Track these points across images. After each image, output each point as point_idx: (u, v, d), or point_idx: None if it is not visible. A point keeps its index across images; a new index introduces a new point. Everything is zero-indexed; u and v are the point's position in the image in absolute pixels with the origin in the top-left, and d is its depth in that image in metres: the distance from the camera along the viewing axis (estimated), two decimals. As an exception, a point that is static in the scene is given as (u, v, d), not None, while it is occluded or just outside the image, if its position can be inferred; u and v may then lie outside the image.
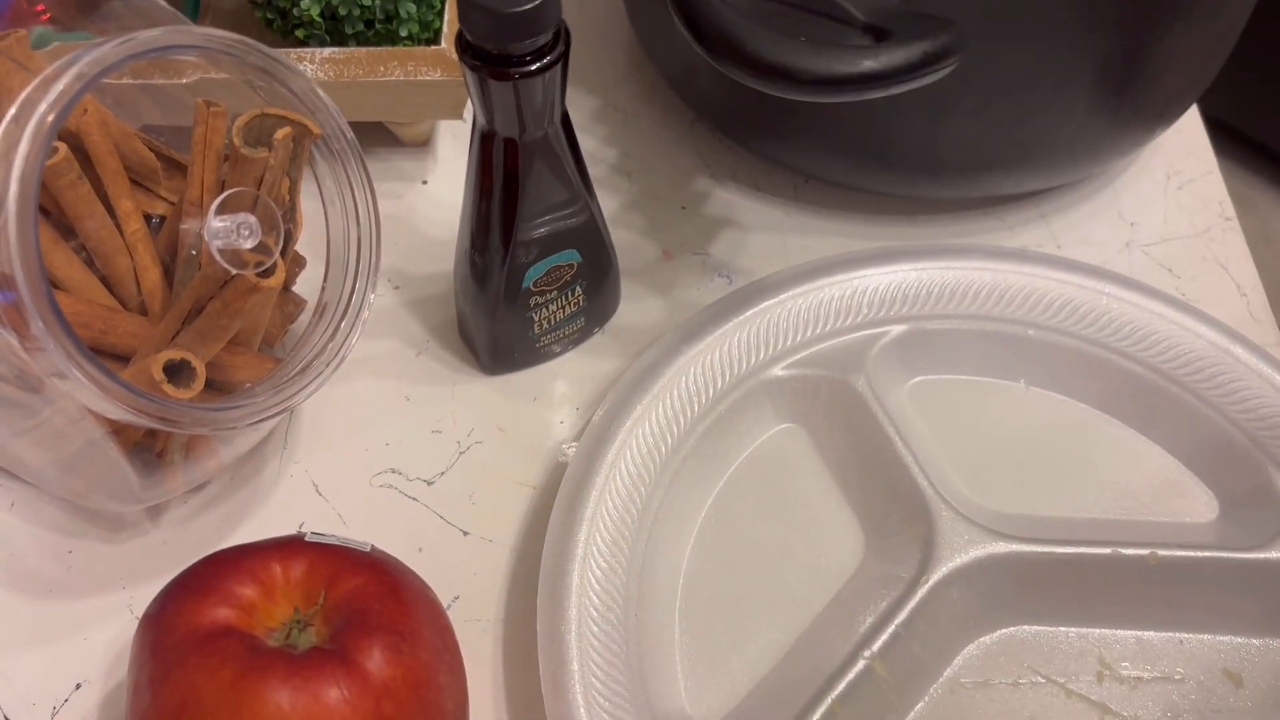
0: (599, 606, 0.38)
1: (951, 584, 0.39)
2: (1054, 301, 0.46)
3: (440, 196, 0.54)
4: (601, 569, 0.39)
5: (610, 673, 0.37)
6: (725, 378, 0.45)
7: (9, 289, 0.30)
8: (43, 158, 0.31)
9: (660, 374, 0.44)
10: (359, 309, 0.40)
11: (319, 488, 0.44)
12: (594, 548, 0.40)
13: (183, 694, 0.31)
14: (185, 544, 0.43)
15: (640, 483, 0.42)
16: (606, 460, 0.42)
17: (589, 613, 0.38)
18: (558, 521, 0.40)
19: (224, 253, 0.35)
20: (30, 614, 0.41)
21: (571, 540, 0.40)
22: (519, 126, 0.39)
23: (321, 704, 0.30)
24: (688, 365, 0.44)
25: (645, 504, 0.41)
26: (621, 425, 0.42)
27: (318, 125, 0.38)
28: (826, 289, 0.47)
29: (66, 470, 0.40)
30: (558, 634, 0.37)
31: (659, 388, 0.44)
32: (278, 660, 0.31)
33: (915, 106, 0.44)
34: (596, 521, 0.40)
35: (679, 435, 0.43)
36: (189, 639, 0.32)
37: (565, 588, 0.38)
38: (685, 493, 0.43)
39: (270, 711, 0.30)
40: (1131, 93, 0.47)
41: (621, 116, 0.58)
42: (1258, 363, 0.44)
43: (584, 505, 0.40)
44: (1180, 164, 0.56)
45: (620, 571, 0.40)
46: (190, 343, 0.37)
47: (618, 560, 0.40)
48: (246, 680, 0.31)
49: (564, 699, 0.36)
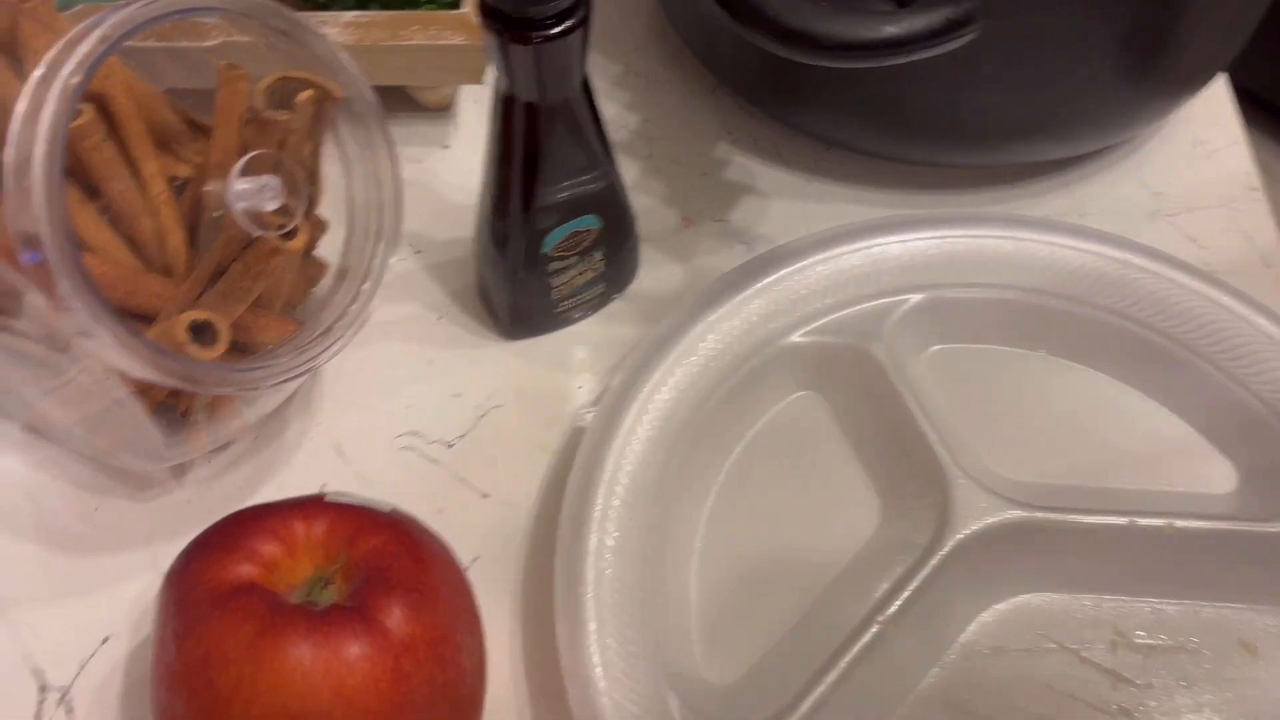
0: (615, 569, 0.39)
1: (967, 551, 0.39)
2: (1075, 271, 0.46)
3: (461, 162, 0.54)
4: (618, 532, 0.40)
5: (626, 634, 0.37)
6: (743, 344, 0.45)
7: (36, 249, 0.31)
8: (69, 119, 0.31)
9: (679, 340, 0.44)
10: (381, 272, 0.40)
11: (341, 449, 0.45)
12: (611, 511, 0.40)
13: (206, 648, 0.31)
14: (209, 503, 0.43)
15: (657, 447, 0.42)
16: (624, 425, 0.42)
17: (605, 575, 0.38)
18: (576, 485, 0.41)
19: (247, 215, 0.36)
20: (58, 569, 0.41)
21: (589, 504, 0.40)
22: (540, 91, 0.39)
23: (342, 660, 0.31)
24: (706, 331, 0.44)
25: (662, 469, 0.42)
26: (639, 390, 0.43)
27: (340, 88, 0.39)
28: (846, 256, 0.47)
29: (92, 429, 0.41)
30: (575, 595, 0.38)
31: (677, 354, 0.44)
32: (299, 617, 0.32)
33: (938, 73, 0.44)
34: (614, 486, 0.41)
35: (696, 401, 0.43)
36: (212, 595, 0.32)
37: (582, 550, 0.39)
38: (702, 458, 0.44)
39: (292, 666, 0.31)
40: (1157, 60, 0.47)
41: (643, 83, 0.57)
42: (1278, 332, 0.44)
43: (601, 469, 0.41)
44: (1206, 133, 0.56)
45: (636, 535, 0.40)
46: (214, 304, 0.37)
47: (634, 524, 0.40)
48: (268, 636, 0.31)
49: (580, 659, 0.37)
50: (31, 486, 0.43)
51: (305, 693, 0.31)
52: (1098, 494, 0.43)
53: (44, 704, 0.38)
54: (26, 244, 0.31)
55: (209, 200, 0.39)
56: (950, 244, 0.47)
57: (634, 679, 0.37)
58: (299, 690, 0.31)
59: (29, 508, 0.43)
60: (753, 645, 0.40)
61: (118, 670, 0.39)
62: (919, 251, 0.47)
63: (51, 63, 0.32)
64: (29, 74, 0.32)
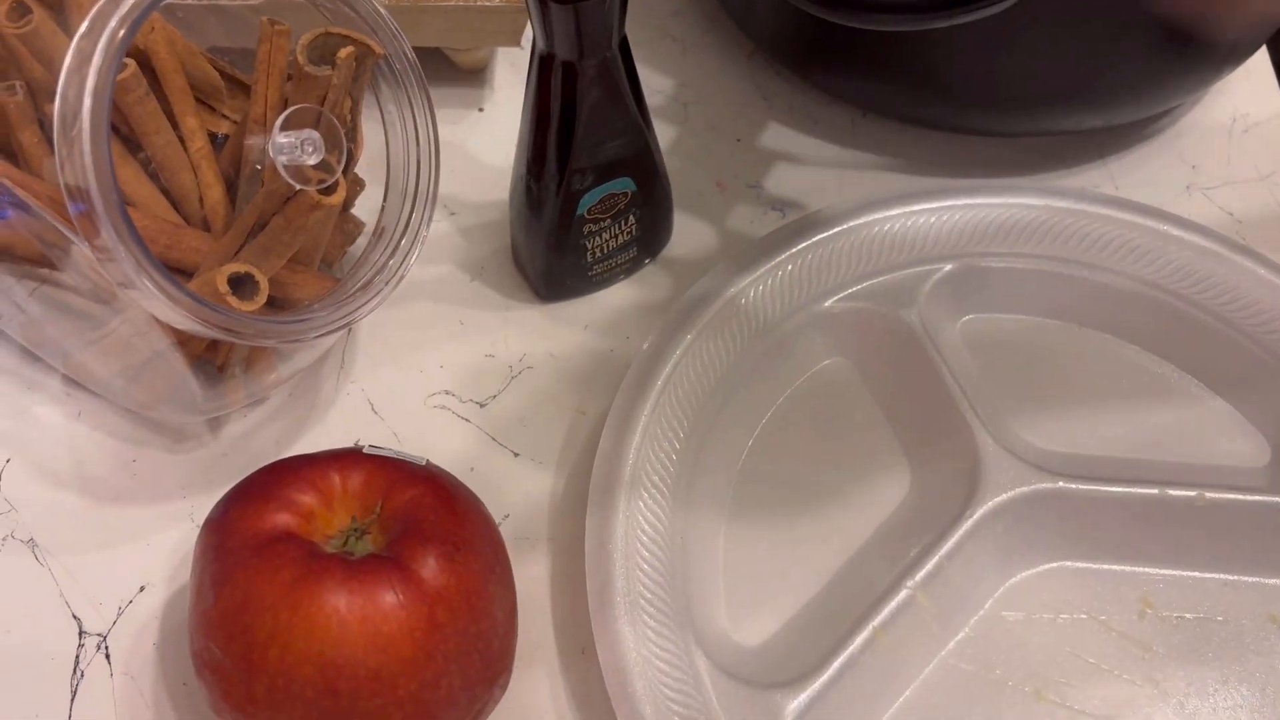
0: (645, 531, 0.39)
1: (997, 518, 0.40)
2: (1109, 242, 0.46)
3: (496, 124, 0.54)
4: (648, 495, 0.40)
5: (656, 592, 0.38)
6: (776, 309, 0.45)
7: (82, 200, 0.31)
8: (114, 72, 0.32)
9: (712, 304, 0.44)
10: (419, 227, 0.41)
11: (374, 406, 0.45)
12: (641, 475, 0.40)
13: (243, 594, 0.32)
14: (244, 456, 0.44)
15: (688, 409, 0.42)
16: (655, 388, 0.42)
17: (637, 535, 0.39)
18: (607, 446, 0.41)
19: (288, 168, 0.36)
20: (96, 518, 0.42)
21: (619, 467, 0.40)
22: (578, 50, 0.39)
23: (377, 607, 0.31)
24: (739, 296, 0.45)
25: (691, 431, 0.42)
26: (671, 354, 0.43)
27: (380, 45, 0.39)
28: (880, 224, 0.47)
29: (132, 381, 0.41)
30: (605, 553, 0.38)
31: (709, 318, 0.44)
32: (335, 565, 0.32)
33: (978, 38, 0.44)
34: (644, 449, 0.41)
35: (728, 365, 0.43)
36: (250, 543, 0.33)
37: (613, 509, 0.39)
38: (733, 422, 0.44)
39: (327, 613, 0.31)
40: (1199, 32, 0.46)
41: (679, 47, 0.57)
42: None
43: (633, 431, 0.41)
44: (1247, 106, 0.55)
45: (667, 497, 0.40)
46: (253, 258, 0.37)
47: (665, 484, 0.40)
48: (305, 583, 0.32)
49: (609, 617, 0.37)
50: (71, 437, 0.44)
51: (340, 639, 0.31)
52: (1128, 465, 0.43)
53: (83, 650, 0.39)
54: (73, 195, 0.31)
55: (249, 154, 0.39)
56: (984, 213, 0.47)
57: (663, 639, 0.37)
58: (334, 636, 0.31)
59: (68, 458, 0.43)
60: (781, 607, 0.40)
61: (155, 618, 0.40)
62: (952, 220, 0.47)
63: (96, 16, 0.32)
64: (74, 29, 0.32)
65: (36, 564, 0.41)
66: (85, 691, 0.38)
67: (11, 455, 0.43)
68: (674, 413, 0.42)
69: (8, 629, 0.40)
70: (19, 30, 0.36)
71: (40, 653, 0.39)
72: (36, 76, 0.38)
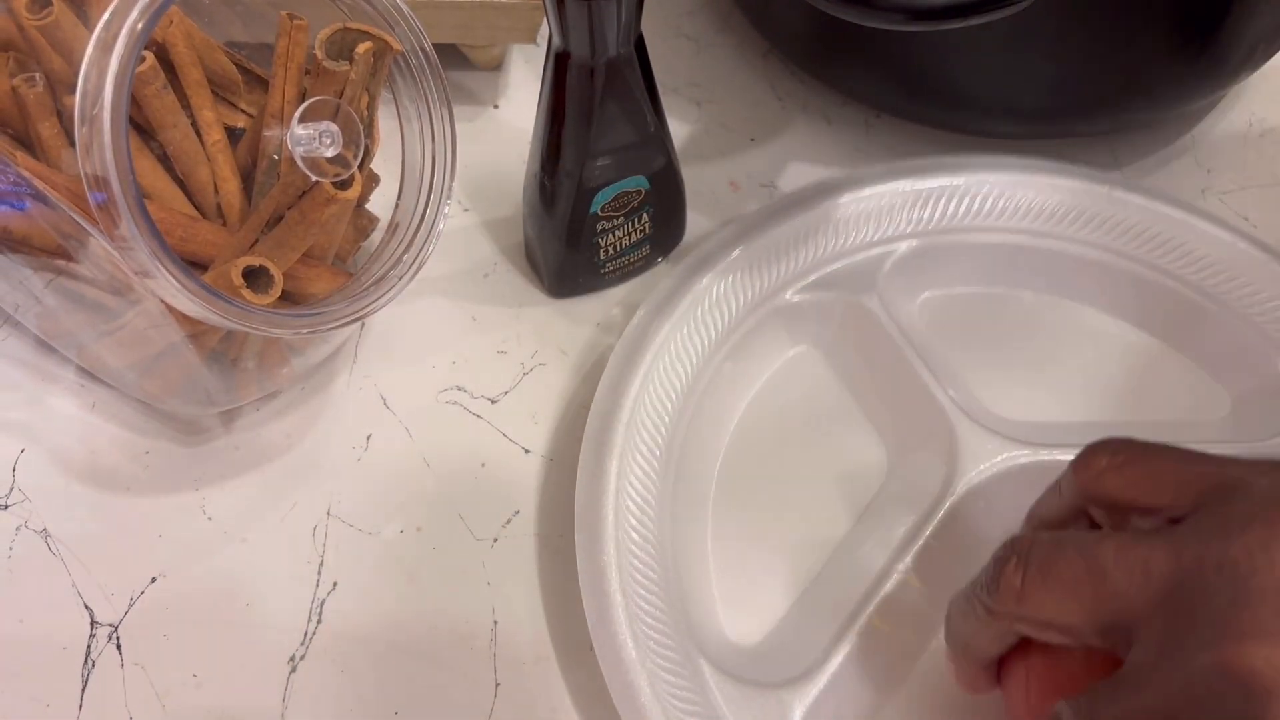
0: (636, 539, 0.39)
1: (978, 494, 0.40)
2: (1057, 209, 0.47)
3: (511, 121, 0.54)
4: (633, 504, 0.40)
5: (654, 603, 0.38)
6: (737, 306, 0.45)
7: (101, 189, 0.31)
8: (134, 63, 0.32)
9: (673, 308, 0.44)
10: (434, 223, 0.41)
11: (386, 401, 0.45)
12: (625, 483, 0.40)
13: None
14: (256, 449, 0.44)
15: (664, 412, 0.42)
16: (630, 394, 0.42)
17: (626, 546, 0.38)
18: (588, 458, 0.41)
19: (305, 160, 0.36)
20: (109, 509, 0.42)
21: (602, 484, 0.40)
22: (593, 48, 0.39)
23: None
24: (700, 296, 0.44)
25: (670, 436, 0.42)
26: (642, 358, 0.42)
27: (398, 41, 0.39)
28: (832, 210, 0.47)
29: (146, 373, 0.42)
30: (597, 566, 0.38)
31: (672, 323, 0.44)
32: None
33: (993, 39, 0.44)
34: (626, 457, 0.40)
35: (696, 366, 0.43)
36: None
37: (601, 519, 0.39)
38: (707, 422, 0.44)
39: None
40: (1216, 35, 0.46)
41: (694, 46, 0.57)
42: (1265, 258, 0.45)
43: (611, 444, 0.41)
44: (1263, 110, 0.55)
45: (652, 505, 0.40)
46: (268, 251, 0.37)
47: (648, 497, 0.40)
48: None
49: (610, 634, 0.37)
50: (85, 428, 0.44)
51: None
52: (1097, 428, 0.42)
53: (94, 640, 0.39)
54: (92, 185, 0.31)
55: (266, 147, 0.39)
56: (934, 191, 0.47)
57: (666, 649, 0.37)
58: None
59: (82, 449, 0.44)
60: (774, 604, 0.40)
61: (166, 609, 0.40)
62: (904, 201, 0.47)
63: (117, 9, 0.32)
64: (94, 22, 0.33)
65: (49, 554, 0.41)
66: (96, 681, 0.39)
67: (26, 446, 0.44)
68: (651, 419, 0.42)
69: (20, 618, 0.40)
70: (40, 22, 0.37)
71: (52, 642, 0.39)
72: (56, 69, 0.38)
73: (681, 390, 0.43)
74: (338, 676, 0.39)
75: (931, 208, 0.47)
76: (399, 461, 0.44)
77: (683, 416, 0.42)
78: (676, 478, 0.42)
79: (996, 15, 0.37)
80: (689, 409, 0.43)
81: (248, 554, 0.41)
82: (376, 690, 0.39)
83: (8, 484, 0.43)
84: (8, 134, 0.40)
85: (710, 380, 0.44)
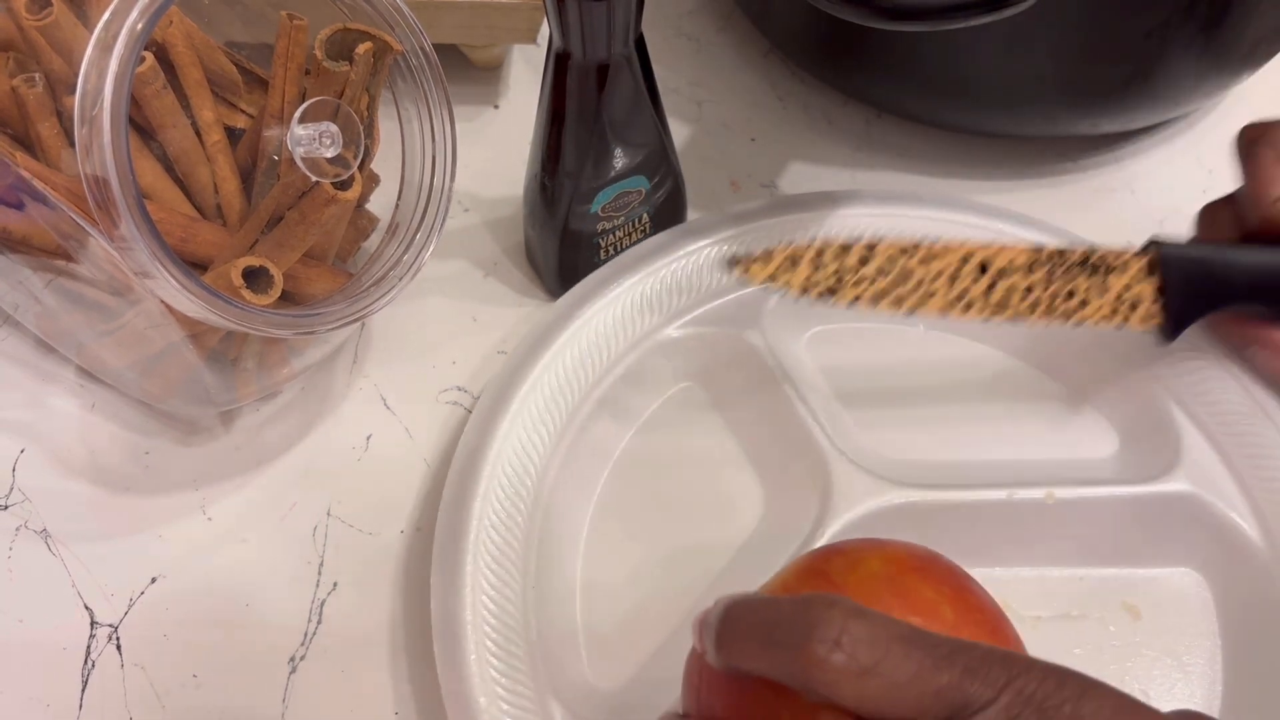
0: (494, 583, 0.38)
1: (849, 535, 0.39)
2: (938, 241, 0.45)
3: (511, 121, 0.54)
4: (494, 545, 0.38)
5: (507, 648, 0.36)
6: (620, 342, 0.44)
7: (101, 190, 0.31)
8: (134, 63, 0.32)
9: (552, 340, 0.43)
10: (434, 223, 0.41)
11: (386, 401, 0.45)
12: (487, 523, 0.39)
13: None
14: (256, 449, 0.44)
15: (534, 452, 0.41)
16: (500, 430, 0.41)
17: (482, 589, 0.37)
18: (450, 498, 0.39)
19: (305, 160, 0.36)
20: (109, 509, 0.42)
21: (464, 518, 0.39)
22: (594, 48, 0.39)
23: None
24: (580, 330, 0.43)
25: (541, 475, 0.41)
26: (514, 394, 0.41)
27: (398, 42, 0.39)
28: (717, 246, 0.45)
29: (146, 373, 0.42)
30: (451, 612, 0.37)
31: (551, 355, 0.43)
32: None
33: (994, 39, 0.44)
34: (489, 498, 0.39)
35: (574, 402, 0.42)
36: None
37: (459, 565, 0.38)
38: (584, 459, 0.42)
39: None
40: (1218, 34, 0.46)
41: (694, 45, 0.57)
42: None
43: (477, 481, 0.39)
44: (1266, 111, 0.55)
45: (517, 544, 0.39)
46: (268, 251, 0.37)
47: (513, 534, 0.39)
48: None
49: (458, 677, 0.36)
50: (85, 428, 0.44)
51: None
52: (980, 467, 0.43)
53: (94, 640, 0.39)
54: (92, 185, 0.31)
55: (266, 147, 0.39)
56: (819, 226, 0.46)
57: (515, 694, 0.36)
58: None
59: (82, 449, 0.44)
60: (643, 647, 0.39)
61: (166, 609, 0.40)
62: (789, 233, 0.45)
63: (116, 9, 0.32)
64: (94, 22, 0.33)
65: (49, 554, 0.41)
66: (96, 681, 0.39)
67: (26, 446, 0.44)
68: (522, 456, 0.40)
69: (20, 619, 0.40)
70: (39, 22, 0.37)
71: (52, 643, 0.39)
72: (56, 69, 0.38)
73: (558, 426, 0.41)
74: (338, 676, 0.39)
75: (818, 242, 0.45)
76: (399, 461, 0.44)
77: (556, 454, 0.41)
78: (547, 516, 0.40)
79: (997, 15, 0.37)
80: (564, 445, 0.41)
81: (248, 554, 0.41)
82: (376, 690, 0.39)
83: (7, 484, 0.43)
84: (7, 134, 0.40)
85: (588, 416, 0.42)
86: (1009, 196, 0.52)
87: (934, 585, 0.31)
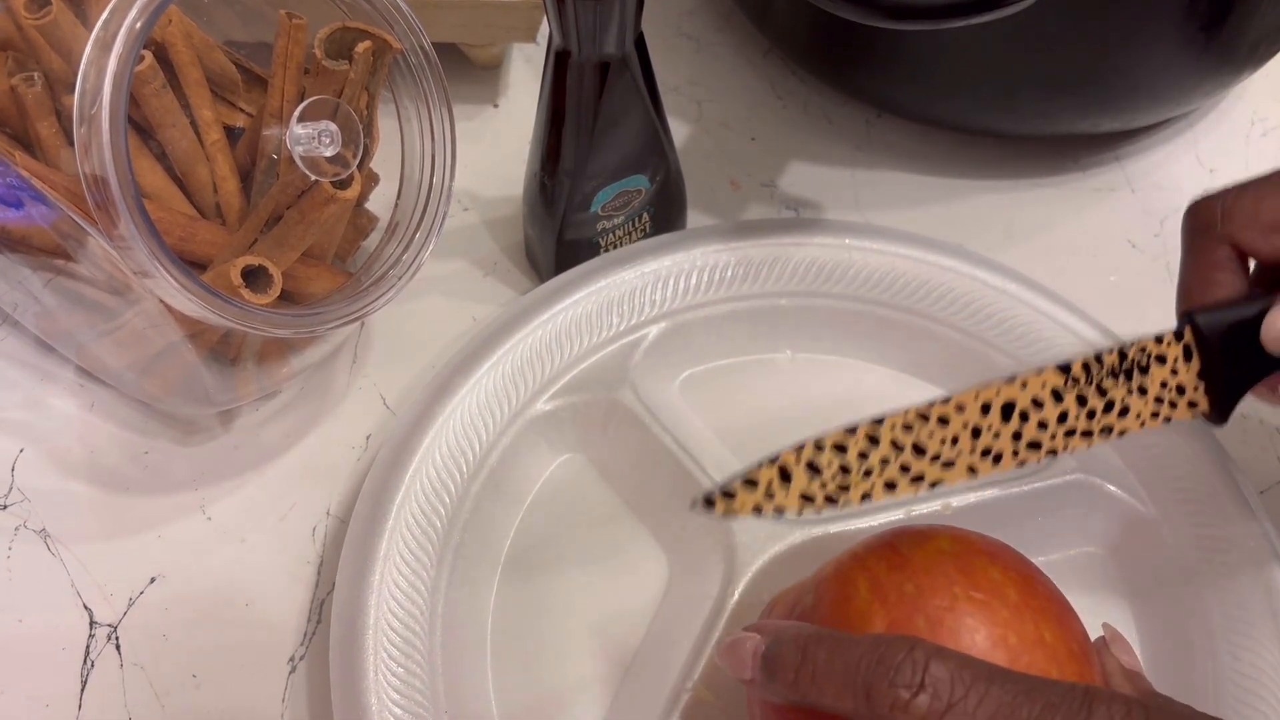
0: (397, 682, 0.36)
1: (761, 585, 0.38)
2: (799, 266, 0.45)
3: (511, 120, 0.54)
4: (394, 646, 0.36)
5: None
6: (490, 425, 0.41)
7: (100, 189, 0.31)
8: (133, 62, 0.32)
9: (426, 430, 0.40)
10: (433, 222, 0.41)
11: (386, 401, 0.45)
12: (385, 625, 0.37)
13: None
14: (255, 449, 0.44)
15: (423, 552, 0.39)
16: (386, 527, 0.38)
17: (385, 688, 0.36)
18: (341, 604, 0.37)
19: (304, 159, 0.36)
20: (108, 509, 0.42)
21: (360, 625, 0.37)
22: (594, 47, 0.39)
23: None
24: (449, 418, 0.41)
25: (435, 571, 0.38)
26: (394, 493, 0.39)
27: (398, 41, 0.39)
28: (571, 309, 0.44)
29: (145, 373, 0.42)
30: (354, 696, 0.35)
31: (425, 447, 0.40)
32: None
33: (995, 39, 0.44)
34: (383, 599, 0.37)
35: (456, 495, 0.40)
36: None
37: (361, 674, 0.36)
38: (477, 548, 0.40)
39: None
40: (1219, 33, 0.46)
41: (694, 45, 0.57)
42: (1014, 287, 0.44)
43: (369, 586, 0.37)
44: (1266, 110, 0.55)
45: (418, 641, 0.37)
46: (267, 251, 0.37)
47: (413, 631, 0.37)
48: None
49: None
50: (84, 428, 0.44)
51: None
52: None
53: (94, 640, 0.39)
54: (91, 185, 0.31)
55: (265, 146, 0.39)
56: (673, 269, 0.45)
57: None
58: None
59: (81, 449, 0.44)
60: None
61: (165, 609, 0.40)
62: (645, 284, 0.44)
63: (115, 8, 0.32)
64: (93, 21, 0.33)
65: (49, 554, 0.41)
66: (95, 681, 0.38)
67: (25, 445, 0.43)
68: (411, 555, 0.38)
69: (20, 619, 0.40)
70: (38, 21, 0.37)
71: (51, 642, 0.39)
72: (55, 68, 0.38)
73: (445, 521, 0.39)
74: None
75: (674, 286, 0.44)
76: (399, 461, 0.44)
77: (448, 547, 0.39)
78: (449, 612, 0.38)
79: (997, 14, 0.37)
80: (454, 538, 0.39)
81: (247, 554, 0.41)
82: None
83: (7, 484, 0.42)
84: (6, 133, 0.40)
85: (473, 505, 0.40)
86: (1009, 196, 0.52)
87: (1001, 568, 0.31)
